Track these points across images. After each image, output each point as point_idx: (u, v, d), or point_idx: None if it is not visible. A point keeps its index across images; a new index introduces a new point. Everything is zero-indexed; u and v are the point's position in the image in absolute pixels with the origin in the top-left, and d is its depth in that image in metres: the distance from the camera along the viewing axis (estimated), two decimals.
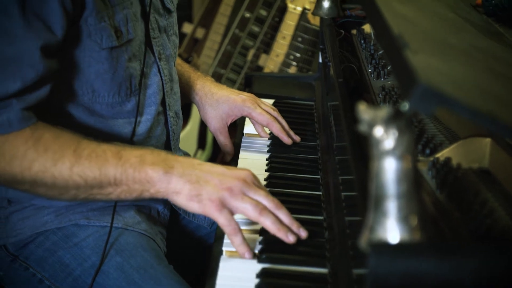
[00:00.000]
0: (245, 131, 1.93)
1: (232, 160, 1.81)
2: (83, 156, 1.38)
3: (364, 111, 0.86)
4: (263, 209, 1.32)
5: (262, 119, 1.81)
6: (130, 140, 1.59)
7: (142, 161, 1.37)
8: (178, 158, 1.40)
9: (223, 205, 1.32)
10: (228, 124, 1.88)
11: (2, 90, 1.34)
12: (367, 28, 2.01)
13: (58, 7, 1.36)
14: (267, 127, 1.83)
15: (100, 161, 1.38)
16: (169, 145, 1.74)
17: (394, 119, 0.84)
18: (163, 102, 1.69)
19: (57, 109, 1.49)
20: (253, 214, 1.32)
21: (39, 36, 1.35)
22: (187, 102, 1.94)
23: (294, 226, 1.33)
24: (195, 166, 1.38)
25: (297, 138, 1.83)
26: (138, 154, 1.39)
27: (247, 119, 1.97)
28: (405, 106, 0.83)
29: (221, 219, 1.31)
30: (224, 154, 1.91)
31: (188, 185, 1.34)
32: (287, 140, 1.80)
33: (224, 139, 1.87)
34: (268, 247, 1.32)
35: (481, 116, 0.84)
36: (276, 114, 1.84)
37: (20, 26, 1.33)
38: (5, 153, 1.36)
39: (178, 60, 1.95)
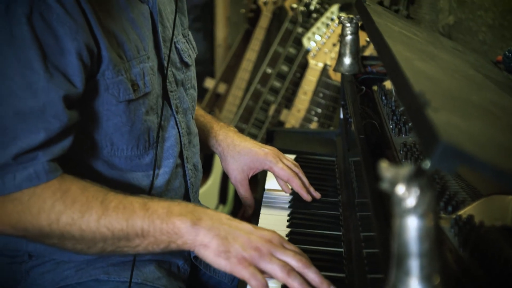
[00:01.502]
0: (266, 186, 1.93)
1: (253, 217, 1.81)
2: (110, 208, 1.38)
3: (385, 169, 0.86)
4: (291, 270, 1.31)
5: (283, 174, 1.81)
6: (148, 193, 1.60)
7: (170, 212, 1.38)
8: (206, 210, 1.40)
9: (250, 265, 1.31)
10: (249, 177, 1.87)
11: (28, 143, 1.36)
12: (388, 84, 2.02)
13: (76, 60, 1.39)
14: (287, 182, 1.83)
15: (127, 213, 1.38)
16: (188, 198, 1.74)
17: (416, 177, 0.84)
18: (181, 155, 1.70)
19: (77, 163, 1.51)
20: (281, 275, 1.31)
21: (61, 87, 1.37)
22: (210, 153, 1.94)
23: (324, 285, 1.32)
24: (223, 220, 1.38)
25: (317, 195, 1.82)
26: (166, 205, 1.39)
27: (268, 173, 1.97)
28: (427, 164, 0.83)
29: (248, 275, 1.31)
30: (245, 209, 1.90)
31: (216, 240, 1.34)
32: (306, 197, 1.80)
33: (244, 192, 1.86)
34: None
35: (503, 175, 0.84)
36: (297, 170, 1.84)
37: (43, 78, 1.36)
38: (32, 207, 1.37)
39: (201, 112, 1.96)
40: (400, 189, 0.85)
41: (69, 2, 1.38)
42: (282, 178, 1.82)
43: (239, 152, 1.86)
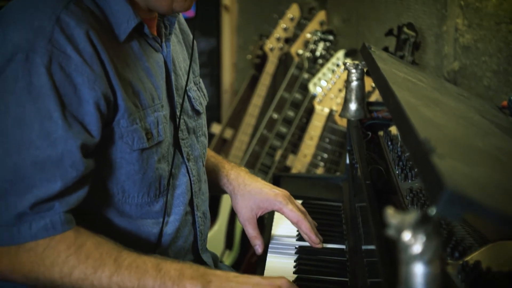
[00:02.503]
0: (272, 232, 1.93)
1: (259, 263, 1.80)
2: (123, 266, 1.39)
3: (391, 215, 0.86)
4: None
5: (292, 216, 1.80)
6: (157, 241, 1.60)
7: (182, 275, 1.39)
8: (216, 272, 1.42)
9: None
10: (258, 216, 1.87)
11: (45, 192, 1.37)
12: (394, 130, 2.03)
13: (93, 109, 1.40)
14: (296, 224, 1.81)
15: (140, 272, 1.39)
16: (196, 245, 1.74)
17: (422, 224, 0.84)
18: (191, 203, 1.71)
19: (87, 210, 1.51)
20: None
21: (78, 136, 1.39)
22: (220, 193, 1.94)
23: None
24: (230, 278, 1.40)
25: (320, 239, 1.81)
26: (178, 267, 1.41)
27: (275, 219, 1.97)
28: (432, 211, 0.83)
29: None
30: (252, 255, 1.90)
31: None
32: (314, 239, 1.79)
33: (252, 231, 1.86)
34: None
35: (509, 221, 0.84)
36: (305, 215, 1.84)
37: (61, 128, 1.38)
38: (46, 259, 1.38)
39: (212, 153, 1.97)
40: (406, 236, 0.85)
41: (87, 52, 1.40)
42: (291, 219, 1.81)
43: (249, 192, 1.87)
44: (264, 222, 1.94)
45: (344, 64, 2.05)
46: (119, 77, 1.46)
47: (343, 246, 1.81)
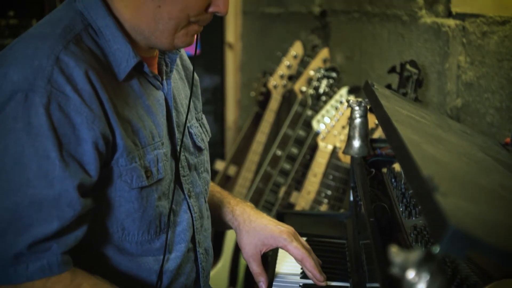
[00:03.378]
0: (276, 269, 1.92)
1: None
2: None
3: (395, 253, 0.86)
4: None
5: (297, 253, 1.79)
6: (159, 278, 1.59)
7: None
8: None
9: None
10: (262, 253, 1.86)
11: (42, 231, 1.37)
12: (397, 166, 2.03)
13: (91, 149, 1.41)
14: (300, 262, 1.80)
15: None
16: (198, 282, 1.73)
17: (426, 262, 0.84)
18: (193, 239, 1.70)
19: (86, 248, 1.51)
20: None
21: (76, 176, 1.39)
22: (225, 229, 1.94)
23: None
24: None
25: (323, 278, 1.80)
26: None
27: (278, 258, 1.96)
28: (436, 249, 0.83)
29: None
30: None
31: None
32: (319, 277, 1.78)
33: (256, 267, 1.84)
34: None
35: None
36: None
37: (59, 168, 1.38)
38: None
39: (217, 188, 1.97)
40: (411, 274, 0.85)
41: (86, 92, 1.41)
42: (296, 256, 1.80)
43: (254, 228, 1.86)
44: (268, 260, 1.93)
45: (348, 101, 2.06)
46: (118, 116, 1.47)
47: (347, 284, 1.81)
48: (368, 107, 2.04)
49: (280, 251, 1.97)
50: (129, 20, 1.53)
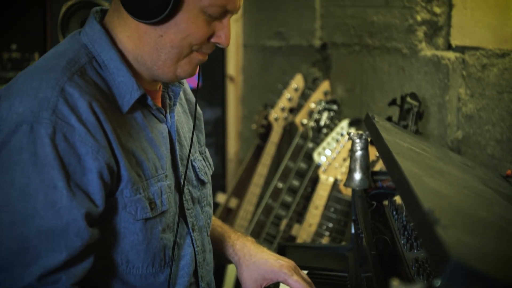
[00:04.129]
0: None
1: None
2: None
3: (397, 287, 0.86)
4: None
5: (298, 287, 1.79)
6: None
7: None
8: None
9: None
10: (262, 287, 1.85)
11: (50, 262, 1.37)
12: (399, 199, 2.03)
13: (97, 178, 1.42)
14: None
15: None
16: None
17: None
18: (195, 273, 1.70)
19: (92, 280, 1.51)
20: None
21: (83, 205, 1.40)
22: (226, 263, 1.93)
23: None
24: None
25: None
26: None
27: None
28: (438, 282, 0.83)
29: None
30: None
31: None
32: None
33: None
34: None
35: None
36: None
37: (66, 197, 1.39)
38: None
39: (218, 222, 1.97)
40: None
41: (91, 123, 1.42)
42: None
43: (255, 262, 1.85)
44: None
45: (348, 134, 2.06)
46: (122, 147, 1.48)
47: None
48: (369, 139, 2.05)
49: (282, 284, 1.96)
50: (132, 51, 1.55)
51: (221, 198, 3.98)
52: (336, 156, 3.18)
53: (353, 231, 2.18)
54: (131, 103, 1.53)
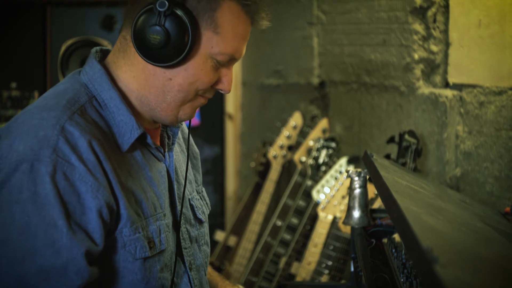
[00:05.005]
0: None
1: None
2: None
3: None
4: None
5: None
6: None
7: None
8: None
9: None
10: None
11: None
12: (398, 237, 2.03)
13: (96, 217, 1.42)
14: None
15: None
16: None
17: None
18: None
19: None
20: None
21: (83, 244, 1.40)
22: None
23: None
24: None
25: None
26: None
27: None
28: None
29: None
30: None
31: None
32: None
33: None
34: None
35: None
36: None
37: (66, 236, 1.39)
38: None
39: (209, 269, 1.96)
40: None
41: (91, 161, 1.43)
42: None
43: None
44: None
45: (347, 171, 2.06)
46: (121, 186, 1.48)
47: None
48: (367, 177, 2.05)
49: None
50: (136, 91, 1.56)
51: (220, 236, 3.97)
52: (335, 193, 3.18)
53: (352, 269, 2.17)
54: (130, 141, 1.54)
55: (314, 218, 3.37)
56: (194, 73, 1.53)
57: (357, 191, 2.05)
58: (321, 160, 3.43)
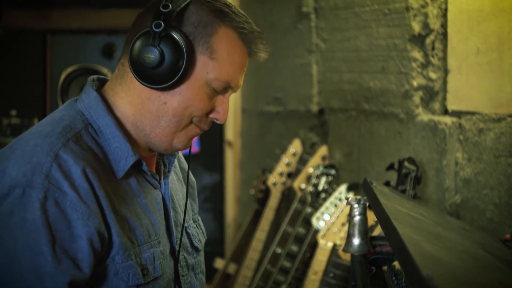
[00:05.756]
0: None
1: None
2: None
3: None
4: None
5: None
6: None
7: None
8: None
9: None
10: None
11: None
12: (398, 264, 2.02)
13: (86, 245, 1.42)
14: None
15: None
16: None
17: None
18: None
19: None
20: None
21: (68, 273, 1.39)
22: None
23: None
24: None
25: None
26: None
27: None
28: None
29: None
30: None
31: None
32: None
33: None
34: None
35: None
36: None
37: (50, 264, 1.39)
38: None
39: None
40: None
41: (83, 189, 1.43)
42: None
43: None
44: None
45: (347, 198, 2.06)
46: (115, 213, 1.48)
47: None
48: (367, 204, 2.04)
49: None
50: (132, 116, 1.57)
51: (219, 263, 3.95)
52: (334, 221, 3.17)
53: None
54: (126, 168, 1.55)
55: (314, 245, 3.36)
56: (189, 97, 1.54)
57: (357, 218, 2.05)
58: (320, 187, 3.43)
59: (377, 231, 2.81)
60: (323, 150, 3.54)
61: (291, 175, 3.71)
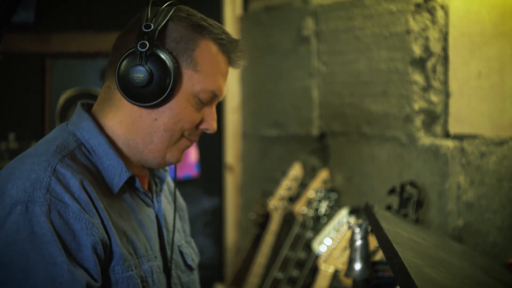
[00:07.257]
0: None
1: None
2: None
3: None
4: None
5: None
6: None
7: None
8: None
9: None
10: None
11: None
12: None
13: (92, 254, 1.44)
14: None
15: None
16: None
17: None
18: None
19: None
20: None
21: (83, 278, 1.41)
22: None
23: None
24: None
25: None
26: None
27: None
28: None
29: None
30: None
31: None
32: None
33: None
34: None
35: None
36: None
37: (67, 272, 1.40)
38: None
39: None
40: None
41: (83, 200, 1.46)
42: None
43: None
44: None
45: (348, 223, 2.04)
46: (114, 225, 1.53)
47: None
48: (369, 229, 2.03)
49: None
50: (123, 135, 1.61)
51: None
52: (336, 245, 3.15)
53: None
54: (120, 185, 1.58)
55: (315, 270, 3.33)
56: (178, 111, 1.59)
57: (359, 243, 2.03)
58: (322, 211, 3.41)
59: (379, 255, 2.79)
60: (324, 174, 3.52)
61: (292, 199, 3.69)
